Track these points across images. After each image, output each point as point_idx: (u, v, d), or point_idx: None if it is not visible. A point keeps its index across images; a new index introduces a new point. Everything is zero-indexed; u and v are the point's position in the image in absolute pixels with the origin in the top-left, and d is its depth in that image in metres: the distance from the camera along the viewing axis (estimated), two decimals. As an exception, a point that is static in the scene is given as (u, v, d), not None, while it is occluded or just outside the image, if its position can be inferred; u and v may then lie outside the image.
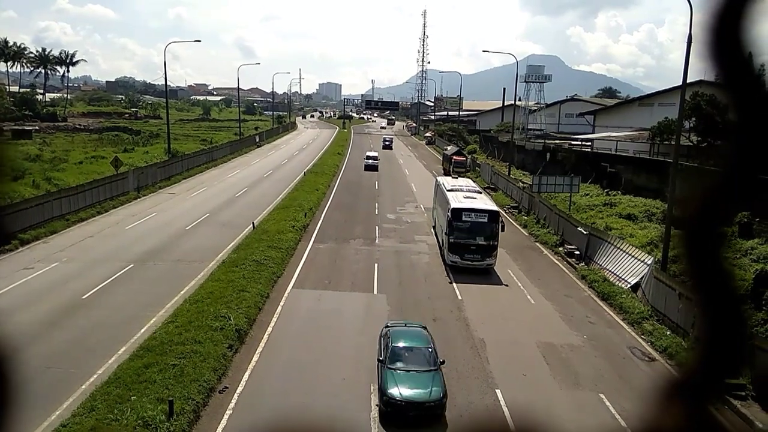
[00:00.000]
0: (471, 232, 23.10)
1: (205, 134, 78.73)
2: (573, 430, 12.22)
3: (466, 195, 26.19)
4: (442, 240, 25.25)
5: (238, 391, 13.43)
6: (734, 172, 0.66)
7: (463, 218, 23.34)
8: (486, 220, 23.52)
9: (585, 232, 25.76)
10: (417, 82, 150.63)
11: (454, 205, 23.97)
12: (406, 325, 15.08)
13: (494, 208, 24.77)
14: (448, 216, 23.71)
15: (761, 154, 0.65)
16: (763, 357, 13.50)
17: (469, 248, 22.94)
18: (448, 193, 26.38)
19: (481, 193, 28.70)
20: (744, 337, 0.69)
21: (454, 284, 22.01)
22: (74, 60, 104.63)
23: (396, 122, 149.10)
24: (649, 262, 20.68)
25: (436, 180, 32.25)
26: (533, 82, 78.45)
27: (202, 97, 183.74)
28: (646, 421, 0.70)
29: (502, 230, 23.78)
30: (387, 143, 79.99)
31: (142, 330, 16.19)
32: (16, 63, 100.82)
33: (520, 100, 69.31)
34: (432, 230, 30.16)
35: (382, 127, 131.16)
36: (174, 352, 14.00)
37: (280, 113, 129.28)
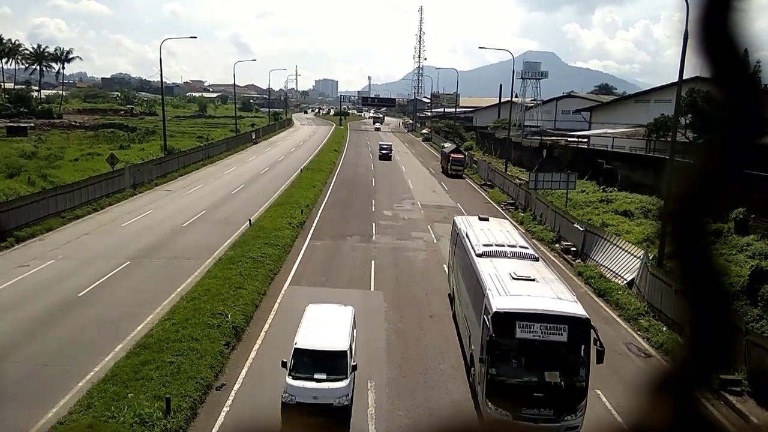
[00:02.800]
0: (534, 364, 12.00)
1: (201, 131, 78.53)
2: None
3: (518, 274, 13.70)
4: (470, 359, 13.96)
5: (235, 388, 13.42)
6: (722, 167, 0.66)
7: (519, 334, 11.73)
8: (564, 337, 11.78)
9: (581, 229, 25.81)
10: (413, 79, 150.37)
11: (498, 305, 12.11)
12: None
13: (578, 311, 12.14)
14: (486, 325, 12.15)
15: (748, 149, 0.66)
16: (758, 353, 13.56)
17: (529, 394, 11.74)
18: (481, 268, 14.43)
19: (537, 260, 15.89)
20: (732, 331, 0.70)
21: None
22: (69, 57, 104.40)
23: (386, 118, 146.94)
24: (642, 257, 20.75)
25: (455, 224, 20.45)
26: (529, 78, 78.44)
27: (198, 94, 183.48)
28: (637, 413, 0.71)
29: (599, 360, 11.98)
30: (385, 152, 62.79)
31: (139, 327, 16.16)
32: (11, 59, 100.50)
33: (516, 96, 69.38)
34: (448, 292, 19.93)
35: (377, 129, 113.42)
36: (171, 350, 13.99)
37: (277, 110, 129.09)
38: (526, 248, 16.75)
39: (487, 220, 20.37)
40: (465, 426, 0.78)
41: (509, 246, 16.42)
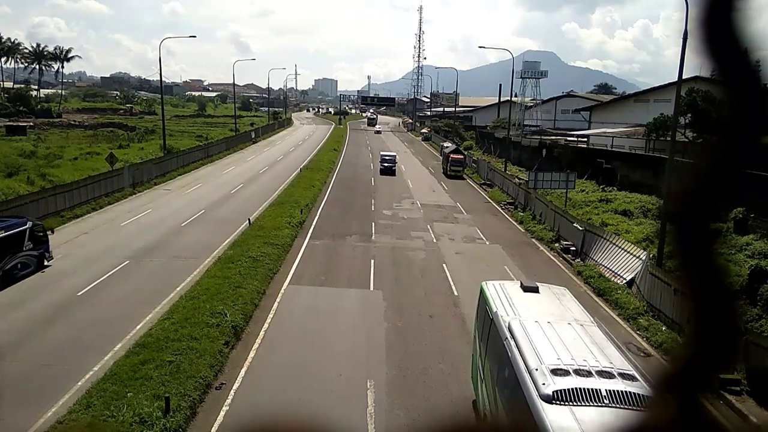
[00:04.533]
0: None
1: (200, 130, 78.47)
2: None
3: None
4: None
5: (235, 387, 13.42)
6: (725, 167, 0.66)
7: None
8: None
9: (581, 228, 25.80)
10: (413, 78, 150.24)
11: None
12: None
13: None
14: None
15: (752, 149, 0.66)
16: (757, 352, 13.57)
17: None
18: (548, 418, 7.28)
19: (637, 380, 8.01)
20: (734, 331, 0.70)
21: None
22: (69, 56, 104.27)
23: (386, 117, 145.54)
24: (643, 257, 20.76)
25: (484, 298, 12.40)
26: (529, 78, 78.48)
27: (197, 93, 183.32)
28: (639, 413, 0.71)
29: None
30: (387, 164, 51.30)
31: (138, 327, 16.15)
32: (10, 59, 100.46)
33: (516, 96, 69.42)
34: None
35: (377, 132, 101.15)
36: (170, 349, 13.98)
37: (276, 109, 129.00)
38: (631, 376, 8.27)
39: (535, 290, 11.97)
40: (464, 426, 0.78)
41: (599, 373, 8.24)
